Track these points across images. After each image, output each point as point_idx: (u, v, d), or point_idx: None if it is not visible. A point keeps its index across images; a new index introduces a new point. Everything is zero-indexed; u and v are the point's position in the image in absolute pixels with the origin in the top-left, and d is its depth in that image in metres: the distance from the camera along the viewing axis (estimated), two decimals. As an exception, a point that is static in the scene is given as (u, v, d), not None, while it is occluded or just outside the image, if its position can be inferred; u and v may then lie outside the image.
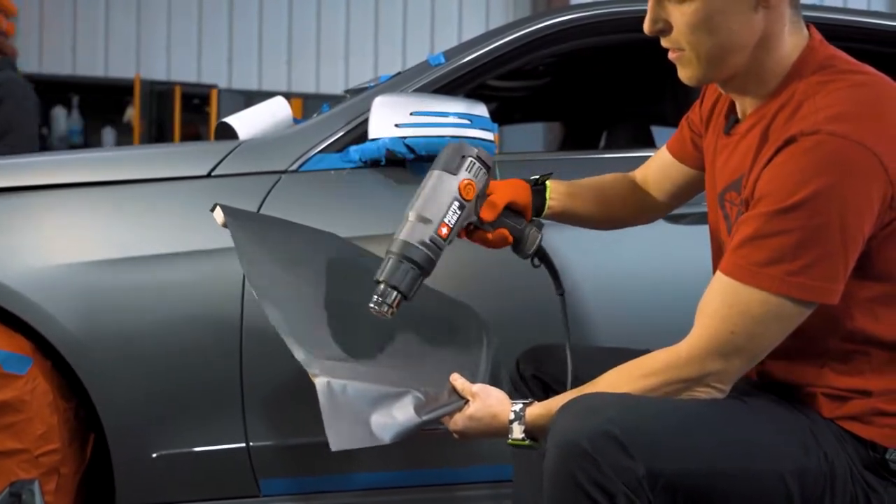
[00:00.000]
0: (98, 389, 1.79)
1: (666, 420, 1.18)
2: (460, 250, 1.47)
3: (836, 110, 1.16)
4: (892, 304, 1.24)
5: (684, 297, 1.40)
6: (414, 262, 1.36)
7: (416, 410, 1.35)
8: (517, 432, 1.33)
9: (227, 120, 2.11)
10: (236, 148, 1.94)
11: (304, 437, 1.83)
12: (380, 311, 1.36)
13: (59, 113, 7.72)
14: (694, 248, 1.68)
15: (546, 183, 1.57)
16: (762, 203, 1.17)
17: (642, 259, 2.00)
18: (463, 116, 1.90)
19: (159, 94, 7.81)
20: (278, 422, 1.86)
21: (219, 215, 1.51)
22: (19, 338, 1.77)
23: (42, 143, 7.42)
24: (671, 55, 1.30)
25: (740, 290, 1.18)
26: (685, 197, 1.64)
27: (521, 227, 1.51)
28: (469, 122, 1.90)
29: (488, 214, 1.46)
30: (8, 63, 4.31)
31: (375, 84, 2.18)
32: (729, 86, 1.32)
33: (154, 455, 1.82)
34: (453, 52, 2.11)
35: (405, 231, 1.38)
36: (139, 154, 2.05)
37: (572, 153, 2.66)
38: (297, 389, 1.72)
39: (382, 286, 1.36)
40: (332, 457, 1.35)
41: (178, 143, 6.27)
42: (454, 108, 1.91)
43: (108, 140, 7.84)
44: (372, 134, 1.89)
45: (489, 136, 1.92)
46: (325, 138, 1.96)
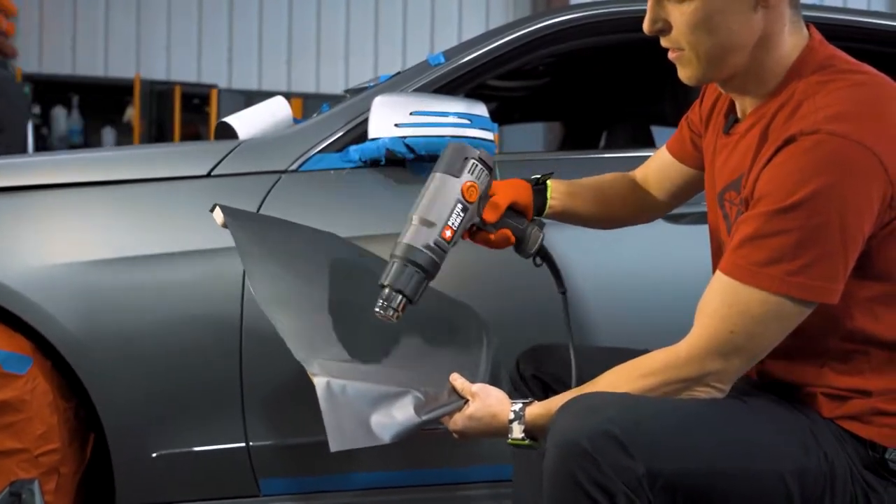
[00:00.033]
0: (98, 389, 1.78)
1: (666, 420, 1.18)
2: (461, 251, 1.47)
3: (835, 110, 1.16)
4: (891, 304, 1.24)
5: (684, 297, 1.40)
6: (418, 266, 1.36)
7: (415, 410, 1.35)
8: (517, 432, 1.33)
9: (227, 120, 2.11)
10: (236, 148, 1.94)
11: (303, 437, 1.83)
12: (385, 315, 1.36)
13: (59, 113, 7.73)
14: (693, 247, 1.68)
15: (547, 182, 1.57)
16: (762, 203, 1.17)
17: (642, 259, 2.00)
18: (463, 116, 1.90)
19: (159, 93, 7.82)
20: (278, 421, 1.86)
21: (218, 216, 1.51)
22: (19, 337, 1.77)
23: (42, 143, 7.43)
24: (671, 55, 1.31)
25: (740, 289, 1.18)
26: (685, 196, 1.64)
27: (522, 227, 1.50)
28: (469, 122, 1.90)
29: (491, 215, 1.46)
30: None
31: (375, 84, 2.17)
32: (729, 85, 1.32)
33: (154, 455, 1.82)
34: (453, 51, 2.10)
35: (409, 234, 1.37)
36: (139, 154, 2.04)
37: (572, 153, 2.66)
38: (296, 389, 1.72)
39: (387, 290, 1.36)
40: (331, 456, 1.35)
41: (177, 142, 6.27)
42: (454, 108, 1.91)
43: (108, 140, 7.86)
44: (372, 134, 1.89)
45: (489, 136, 1.92)
46: (325, 138, 1.96)
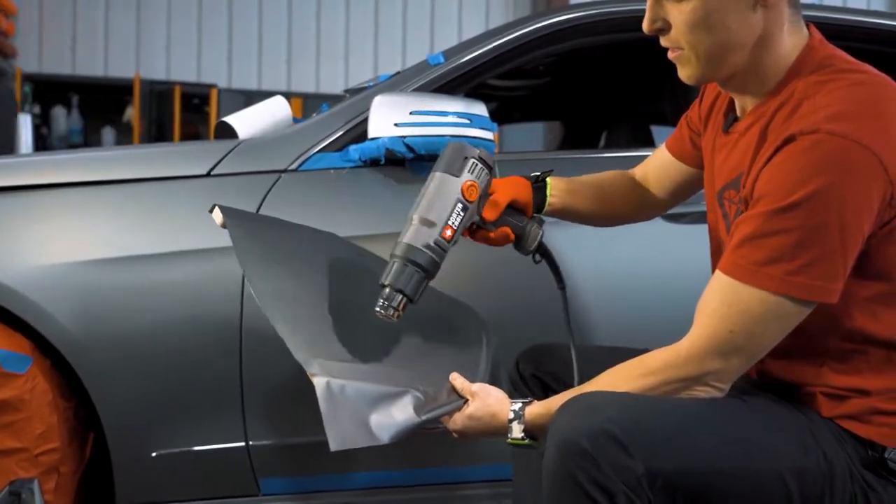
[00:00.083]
0: (98, 389, 1.79)
1: (665, 419, 1.18)
2: (460, 250, 1.47)
3: (835, 109, 1.16)
4: (890, 304, 1.24)
5: (683, 296, 1.40)
6: (419, 266, 1.36)
7: (415, 410, 1.35)
8: (516, 431, 1.33)
9: (227, 119, 2.11)
10: (236, 147, 1.94)
11: (303, 437, 1.83)
12: (386, 314, 1.36)
13: (58, 112, 7.74)
14: (693, 246, 1.68)
15: (546, 180, 1.57)
16: (761, 202, 1.17)
17: (641, 258, 2.00)
18: (462, 116, 1.90)
19: (159, 93, 7.83)
20: (278, 421, 1.86)
21: (217, 216, 1.51)
22: (19, 337, 1.77)
23: (42, 143, 7.43)
24: (670, 54, 1.31)
25: (740, 289, 1.18)
26: (684, 195, 1.64)
27: (522, 225, 1.51)
28: (468, 122, 1.90)
29: (491, 214, 1.46)
30: None
31: (375, 83, 2.17)
32: (728, 84, 1.32)
33: (154, 454, 1.82)
34: (453, 51, 2.10)
35: (409, 234, 1.37)
36: (139, 153, 2.05)
37: (572, 152, 2.66)
38: (296, 389, 1.72)
39: (388, 290, 1.36)
40: (331, 456, 1.35)
41: (177, 142, 6.27)
42: (453, 108, 1.91)
43: (108, 140, 7.86)
44: (371, 133, 1.89)
45: (489, 136, 1.92)
46: (325, 137, 1.96)
